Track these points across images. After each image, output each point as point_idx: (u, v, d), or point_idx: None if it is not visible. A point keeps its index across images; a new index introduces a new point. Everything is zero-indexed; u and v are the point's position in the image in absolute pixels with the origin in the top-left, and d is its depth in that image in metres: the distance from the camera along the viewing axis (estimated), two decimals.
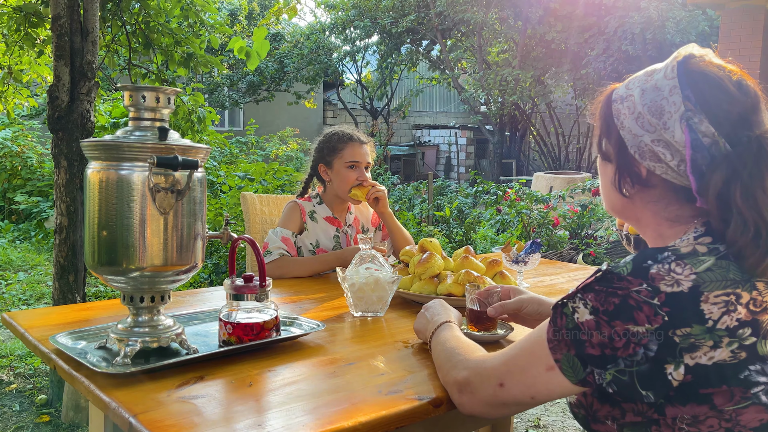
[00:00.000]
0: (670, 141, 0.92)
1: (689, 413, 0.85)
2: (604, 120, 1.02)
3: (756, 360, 0.84)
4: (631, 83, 1.00)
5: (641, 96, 0.96)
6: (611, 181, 1.02)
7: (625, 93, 0.99)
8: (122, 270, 1.15)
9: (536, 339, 0.95)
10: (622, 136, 0.98)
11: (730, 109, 0.90)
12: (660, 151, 0.93)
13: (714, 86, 0.92)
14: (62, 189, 2.82)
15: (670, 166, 0.93)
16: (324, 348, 1.31)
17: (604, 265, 0.91)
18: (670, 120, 0.92)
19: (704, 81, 0.92)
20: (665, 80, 0.94)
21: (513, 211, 5.73)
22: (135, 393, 1.03)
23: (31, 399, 3.05)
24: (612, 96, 1.02)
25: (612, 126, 1.00)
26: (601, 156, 1.05)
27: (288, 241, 2.14)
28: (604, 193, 1.07)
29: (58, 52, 2.75)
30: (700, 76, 0.93)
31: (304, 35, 14.77)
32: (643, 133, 0.95)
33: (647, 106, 0.94)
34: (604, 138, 1.03)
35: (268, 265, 2.06)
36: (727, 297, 0.83)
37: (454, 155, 16.65)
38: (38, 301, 4.76)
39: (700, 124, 0.89)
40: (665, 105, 0.92)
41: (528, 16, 12.09)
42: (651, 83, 0.96)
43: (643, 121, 0.95)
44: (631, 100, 0.97)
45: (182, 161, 1.11)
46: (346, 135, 2.25)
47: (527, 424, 2.95)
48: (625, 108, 0.98)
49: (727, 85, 0.92)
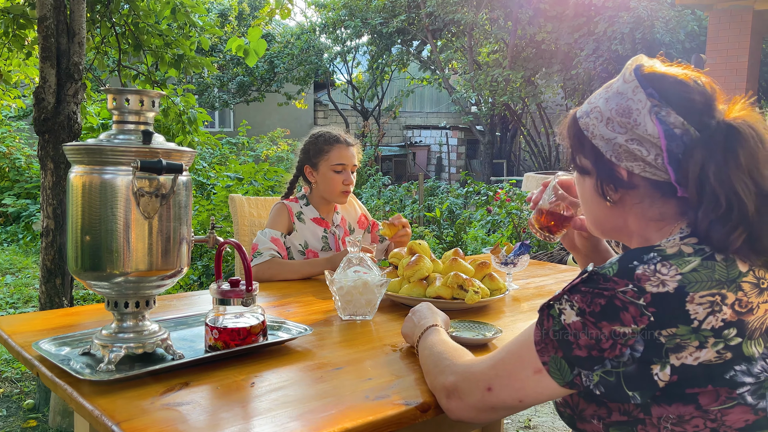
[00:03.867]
0: (644, 136, 0.93)
1: (675, 413, 0.86)
2: (574, 137, 1.04)
3: (741, 360, 0.85)
4: (591, 99, 1.03)
5: (606, 103, 0.98)
6: (594, 192, 1.03)
7: (589, 107, 1.02)
8: (106, 275, 1.14)
9: (523, 342, 0.94)
10: (596, 145, 0.99)
11: (693, 98, 0.93)
12: (635, 148, 0.94)
13: (673, 82, 0.95)
14: (49, 192, 2.80)
15: (648, 161, 0.94)
16: (312, 352, 1.30)
17: (590, 266, 0.91)
18: (639, 116, 0.94)
19: (663, 79, 0.95)
20: (626, 84, 0.97)
21: (503, 212, 5.74)
22: (119, 400, 1.02)
23: (18, 404, 3.02)
24: (576, 114, 1.04)
25: (583, 139, 1.01)
26: (578, 172, 1.06)
27: (278, 241, 2.12)
28: (586, 209, 1.08)
29: (45, 53, 2.72)
30: (657, 76, 0.96)
31: (295, 35, 14.74)
32: (616, 135, 0.96)
33: (614, 110, 0.97)
34: (577, 154, 1.04)
35: (258, 266, 2.04)
36: (712, 297, 0.84)
37: (445, 156, 16.66)
38: (26, 305, 4.72)
39: (669, 115, 0.92)
40: (632, 104, 0.95)
41: (518, 17, 12.11)
42: (612, 91, 0.99)
43: (613, 125, 0.96)
44: (597, 110, 0.99)
45: (166, 165, 1.09)
46: (332, 137, 2.24)
47: (518, 425, 2.95)
48: (593, 119, 1.00)
49: (685, 80, 0.95)
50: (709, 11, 7.88)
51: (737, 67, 7.62)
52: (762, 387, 0.86)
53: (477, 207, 6.57)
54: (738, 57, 7.58)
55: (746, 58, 7.54)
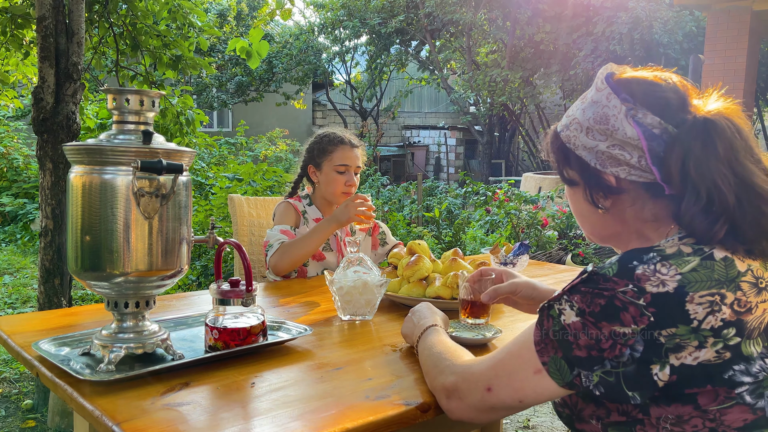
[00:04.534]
0: (624, 140, 0.95)
1: (674, 413, 0.86)
2: (558, 150, 1.06)
3: (740, 360, 0.85)
4: (569, 112, 1.05)
5: (583, 114, 1.01)
6: (585, 202, 1.05)
7: (568, 120, 1.04)
8: (106, 275, 1.14)
9: (523, 342, 0.95)
10: (580, 155, 1.01)
11: (667, 96, 0.95)
12: (618, 153, 0.96)
13: (645, 84, 0.97)
14: (47, 192, 2.79)
15: (632, 164, 0.95)
16: (311, 353, 1.30)
17: (590, 266, 0.91)
18: (616, 121, 0.95)
19: (634, 83, 0.98)
20: (599, 93, 0.99)
21: (502, 212, 5.74)
22: (119, 400, 1.02)
23: (17, 404, 3.02)
24: (557, 129, 1.07)
25: (567, 151, 1.04)
26: (567, 184, 1.08)
27: (287, 232, 2.10)
28: (581, 218, 1.10)
29: (43, 53, 2.72)
30: (629, 80, 0.98)
31: (293, 36, 14.74)
32: (597, 143, 0.98)
33: (591, 119, 0.99)
34: (564, 167, 1.06)
35: (273, 258, 2.02)
36: (711, 297, 0.84)
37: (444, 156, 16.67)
38: (24, 305, 4.71)
39: (645, 117, 0.94)
40: (608, 111, 0.97)
41: (517, 17, 12.13)
42: (587, 102, 1.01)
43: (593, 133, 0.99)
44: (575, 122, 1.02)
45: (167, 165, 1.09)
46: (337, 137, 2.24)
47: (517, 425, 2.96)
48: (573, 131, 1.02)
49: (656, 81, 0.98)
50: (707, 12, 7.89)
51: (735, 68, 7.63)
52: (760, 386, 0.86)
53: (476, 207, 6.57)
54: (736, 57, 7.59)
55: (744, 59, 7.55)
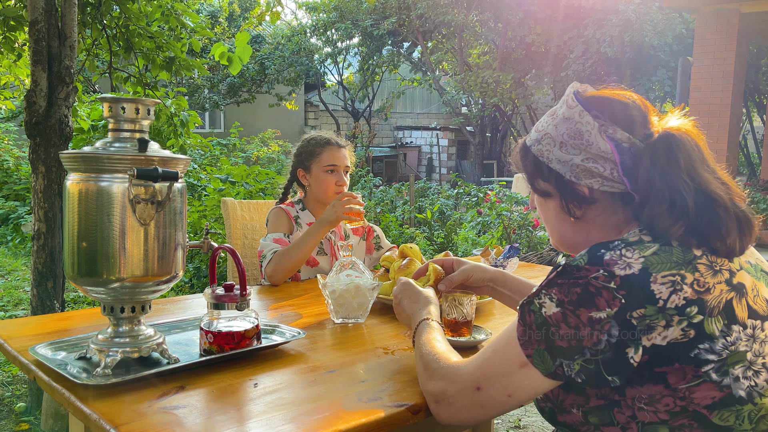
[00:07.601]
0: (598, 153, 1.02)
1: (646, 393, 0.91)
2: (531, 164, 1.12)
3: (704, 338, 0.89)
4: (538, 127, 1.12)
5: (555, 130, 1.07)
6: (559, 211, 1.11)
7: (539, 135, 1.10)
8: (102, 281, 1.15)
9: (507, 339, 0.99)
10: (554, 168, 1.07)
11: (632, 114, 1.05)
12: (592, 166, 1.03)
13: (612, 102, 1.06)
14: (40, 195, 2.80)
15: (605, 176, 1.03)
16: (305, 356, 1.32)
17: (562, 261, 0.96)
18: (590, 137, 1.03)
19: (602, 101, 1.06)
20: (570, 110, 1.06)
21: (494, 213, 5.78)
22: (116, 404, 1.03)
23: (10, 407, 3.02)
24: (526, 143, 1.13)
25: (540, 165, 1.10)
26: (539, 195, 1.14)
27: (281, 240, 2.11)
28: (551, 228, 1.16)
29: (36, 56, 2.73)
30: (596, 98, 1.07)
31: (285, 37, 14.74)
32: (572, 156, 1.05)
33: (565, 134, 1.06)
34: (537, 179, 1.12)
35: (267, 268, 2.03)
36: (673, 277, 0.90)
37: (436, 156, 16.71)
38: (15, 307, 4.70)
39: (615, 132, 1.02)
40: (581, 127, 1.04)
41: (508, 19, 12.18)
42: (558, 118, 1.08)
43: (567, 148, 1.05)
44: (548, 137, 1.08)
45: (162, 173, 1.11)
46: (323, 139, 2.26)
47: (508, 424, 2.98)
48: (546, 145, 1.08)
49: (622, 100, 1.07)
50: (696, 14, 7.96)
51: (724, 70, 7.71)
52: (725, 364, 0.90)
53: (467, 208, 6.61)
54: (725, 59, 7.67)
55: (733, 61, 7.62)
